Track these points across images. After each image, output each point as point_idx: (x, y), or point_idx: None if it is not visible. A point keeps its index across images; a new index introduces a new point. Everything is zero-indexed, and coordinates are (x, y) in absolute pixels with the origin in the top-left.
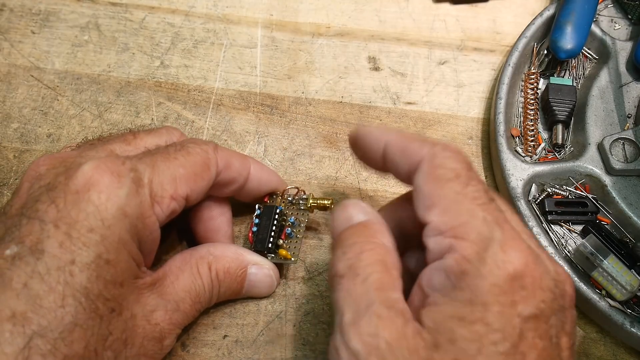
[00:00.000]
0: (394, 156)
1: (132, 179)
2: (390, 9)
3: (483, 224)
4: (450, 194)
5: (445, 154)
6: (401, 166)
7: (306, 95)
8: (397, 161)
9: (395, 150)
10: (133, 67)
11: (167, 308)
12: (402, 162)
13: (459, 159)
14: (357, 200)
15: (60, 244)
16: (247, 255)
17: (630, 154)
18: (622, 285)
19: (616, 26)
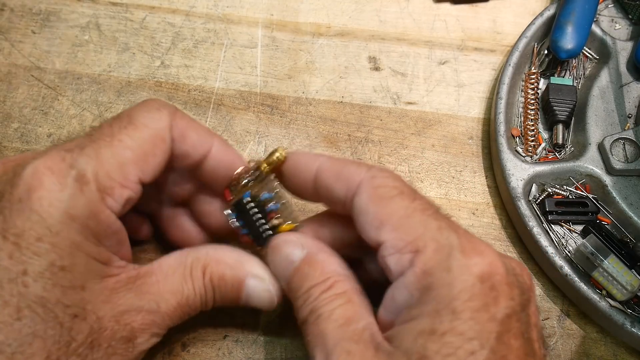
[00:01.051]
0: (327, 182)
1: (74, 177)
2: (391, 9)
3: (439, 232)
4: (398, 210)
5: (383, 174)
6: (336, 192)
7: (306, 95)
8: (331, 187)
9: (329, 176)
10: (133, 67)
11: (144, 308)
12: (337, 187)
13: (397, 177)
14: (285, 236)
15: (9, 255)
16: (247, 264)
17: (631, 154)
18: (623, 285)
19: (617, 26)
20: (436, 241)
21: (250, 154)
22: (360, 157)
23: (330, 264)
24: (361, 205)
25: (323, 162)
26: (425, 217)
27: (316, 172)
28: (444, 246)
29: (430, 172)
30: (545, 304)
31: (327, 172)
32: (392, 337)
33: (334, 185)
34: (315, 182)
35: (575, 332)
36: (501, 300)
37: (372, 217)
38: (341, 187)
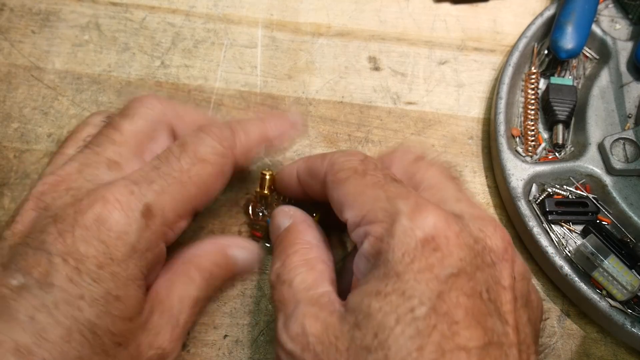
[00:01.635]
0: (305, 180)
1: (142, 212)
2: (391, 9)
3: (387, 202)
4: (352, 189)
5: (341, 159)
6: (314, 186)
7: (306, 95)
8: (309, 183)
9: (304, 175)
10: (133, 67)
11: (169, 326)
12: (312, 183)
13: (353, 158)
14: (282, 207)
15: (69, 278)
16: (224, 241)
17: (631, 154)
18: (623, 285)
19: (617, 26)
20: (384, 210)
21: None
22: None
23: (305, 234)
24: (328, 193)
25: (299, 165)
26: (375, 190)
27: (297, 176)
28: (391, 214)
29: None
30: (545, 304)
31: (302, 172)
32: (347, 301)
33: (310, 182)
34: (300, 184)
35: (575, 332)
36: (446, 261)
37: (336, 201)
38: (315, 182)
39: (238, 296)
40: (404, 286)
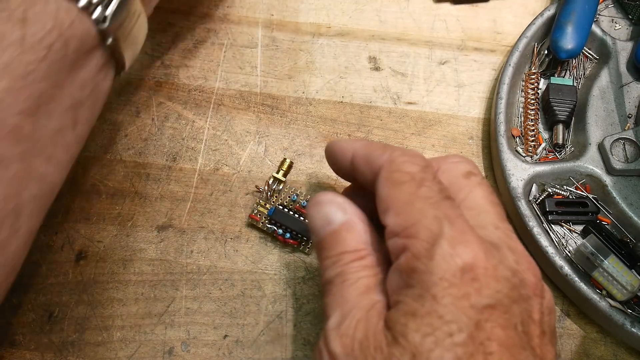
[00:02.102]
0: (359, 165)
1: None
2: (391, 9)
3: (433, 221)
4: (403, 196)
5: (402, 158)
6: (366, 174)
7: (307, 95)
8: (362, 169)
9: (360, 159)
10: (133, 67)
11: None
12: (366, 170)
13: (415, 161)
14: (331, 195)
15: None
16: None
17: (631, 154)
18: (623, 285)
19: (617, 26)
20: (428, 229)
21: (250, 154)
22: None
23: (366, 235)
24: (377, 188)
25: (357, 147)
26: (426, 205)
27: (352, 157)
28: (433, 235)
29: None
30: None
31: (359, 156)
32: (386, 315)
33: (363, 169)
34: (352, 165)
35: (575, 332)
36: (484, 291)
37: (382, 201)
38: (369, 171)
39: (238, 296)
40: (442, 310)
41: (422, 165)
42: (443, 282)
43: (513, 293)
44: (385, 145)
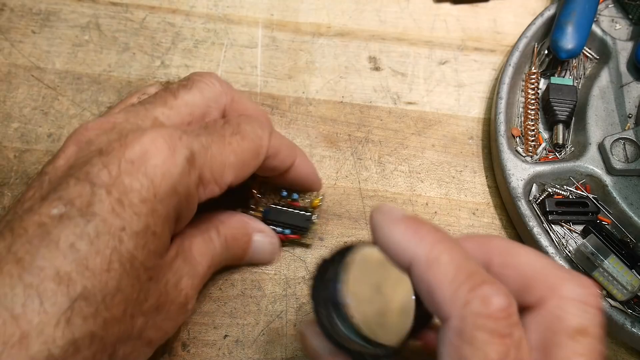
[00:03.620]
0: (420, 291)
1: (187, 157)
2: (391, 9)
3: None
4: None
5: (481, 310)
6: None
7: (307, 95)
8: (423, 298)
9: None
10: (134, 67)
11: (190, 273)
12: (428, 303)
13: (496, 313)
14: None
15: (112, 209)
16: (252, 223)
17: (631, 154)
18: (623, 285)
19: (617, 26)
20: None
21: None
22: (360, 157)
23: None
24: (442, 335)
25: (421, 258)
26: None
27: (409, 267)
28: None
29: (430, 172)
30: None
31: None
32: None
33: (425, 299)
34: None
35: None
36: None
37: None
38: (433, 309)
39: (238, 296)
40: None
41: (504, 316)
42: None
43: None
44: (475, 279)
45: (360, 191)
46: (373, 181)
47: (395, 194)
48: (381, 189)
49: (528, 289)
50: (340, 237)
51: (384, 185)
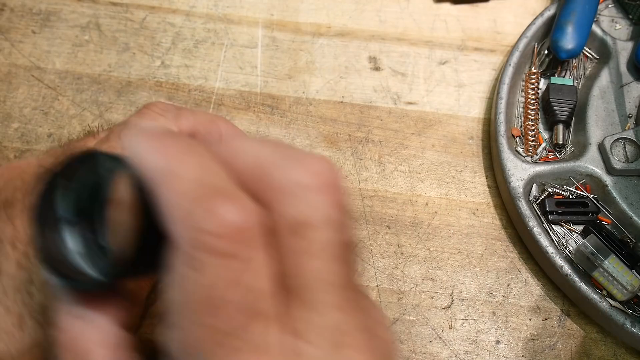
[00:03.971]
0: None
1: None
2: (391, 9)
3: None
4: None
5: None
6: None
7: (307, 95)
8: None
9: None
10: (134, 67)
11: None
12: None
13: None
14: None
15: (18, 264)
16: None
17: (631, 154)
18: (623, 285)
19: (617, 26)
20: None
21: None
22: (360, 157)
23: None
24: (172, 262)
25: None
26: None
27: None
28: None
29: (430, 172)
30: (545, 304)
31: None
32: None
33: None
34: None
35: (576, 332)
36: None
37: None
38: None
39: None
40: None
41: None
42: None
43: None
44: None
45: (360, 191)
46: (373, 181)
47: (396, 194)
48: (381, 189)
49: (250, 189)
50: None
51: (384, 185)
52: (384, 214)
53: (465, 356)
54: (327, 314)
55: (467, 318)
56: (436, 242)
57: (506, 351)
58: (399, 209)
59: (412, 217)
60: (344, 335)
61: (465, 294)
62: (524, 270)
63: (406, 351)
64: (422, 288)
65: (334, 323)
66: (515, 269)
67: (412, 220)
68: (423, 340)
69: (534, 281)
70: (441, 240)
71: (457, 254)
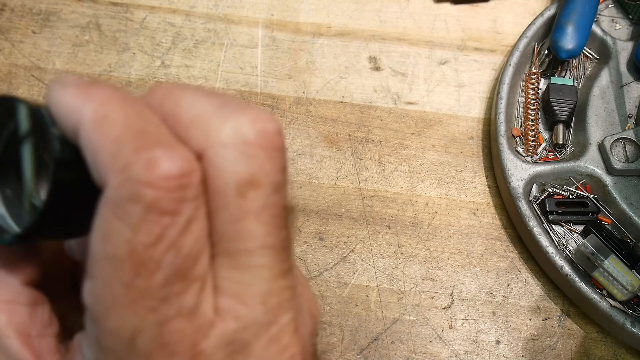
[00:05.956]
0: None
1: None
2: (391, 9)
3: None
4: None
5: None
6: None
7: (307, 95)
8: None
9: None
10: (134, 67)
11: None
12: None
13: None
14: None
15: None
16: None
17: (631, 154)
18: (623, 285)
19: (617, 26)
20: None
21: None
22: (360, 157)
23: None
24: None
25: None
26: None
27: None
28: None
29: (430, 172)
30: (545, 304)
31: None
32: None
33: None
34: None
35: (576, 332)
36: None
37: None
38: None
39: None
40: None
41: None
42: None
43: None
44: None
45: (361, 191)
46: (373, 181)
47: (396, 194)
48: (381, 189)
49: (186, 141)
50: (340, 237)
51: (384, 185)
52: (384, 214)
53: (465, 356)
54: (263, 277)
55: (467, 318)
56: (436, 242)
57: (506, 351)
58: (399, 209)
59: (412, 217)
60: (275, 296)
61: (466, 294)
62: (524, 270)
63: (406, 351)
64: (422, 288)
65: (269, 286)
66: (515, 269)
67: (412, 220)
68: (423, 340)
69: (534, 281)
70: (441, 240)
71: (457, 254)
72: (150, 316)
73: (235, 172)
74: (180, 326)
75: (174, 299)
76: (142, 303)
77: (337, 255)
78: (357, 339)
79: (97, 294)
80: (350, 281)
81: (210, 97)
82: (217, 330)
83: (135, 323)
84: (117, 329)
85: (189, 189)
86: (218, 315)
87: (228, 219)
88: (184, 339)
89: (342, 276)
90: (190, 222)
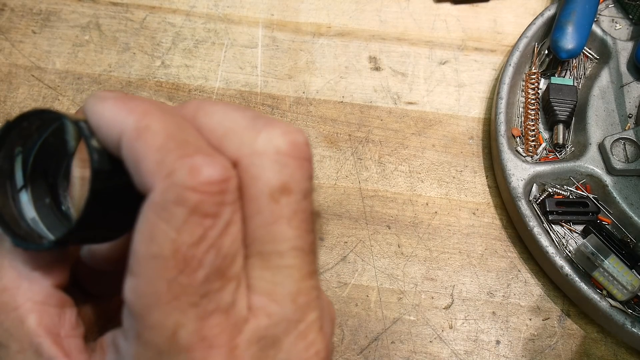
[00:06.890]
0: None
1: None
2: (391, 9)
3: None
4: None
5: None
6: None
7: (307, 95)
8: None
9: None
10: (134, 67)
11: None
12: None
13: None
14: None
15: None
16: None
17: (631, 154)
18: (623, 285)
19: (617, 26)
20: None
21: None
22: (360, 157)
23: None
24: (142, 212)
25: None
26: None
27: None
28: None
29: (430, 172)
30: (545, 304)
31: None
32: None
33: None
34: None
35: (576, 332)
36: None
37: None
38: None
39: None
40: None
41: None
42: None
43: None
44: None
45: (361, 191)
46: (373, 181)
47: (396, 194)
48: (381, 188)
49: (220, 151)
50: (340, 237)
51: (384, 185)
52: (384, 214)
53: (465, 356)
54: (293, 277)
55: (467, 318)
56: (436, 242)
57: (506, 351)
58: (399, 209)
59: (412, 217)
60: (303, 295)
61: (466, 294)
62: (524, 270)
63: (406, 351)
64: (423, 288)
65: (298, 286)
66: (515, 269)
67: (412, 220)
68: (423, 340)
69: (534, 281)
70: (441, 240)
71: (457, 254)
72: (191, 311)
73: (269, 179)
74: (218, 321)
75: (213, 295)
76: (184, 299)
77: (337, 255)
78: (357, 339)
79: (141, 291)
80: (350, 281)
81: (242, 111)
82: (250, 325)
83: (177, 317)
84: (160, 323)
85: (228, 194)
86: (251, 312)
87: (261, 223)
88: (222, 333)
89: (342, 276)
90: (228, 224)
